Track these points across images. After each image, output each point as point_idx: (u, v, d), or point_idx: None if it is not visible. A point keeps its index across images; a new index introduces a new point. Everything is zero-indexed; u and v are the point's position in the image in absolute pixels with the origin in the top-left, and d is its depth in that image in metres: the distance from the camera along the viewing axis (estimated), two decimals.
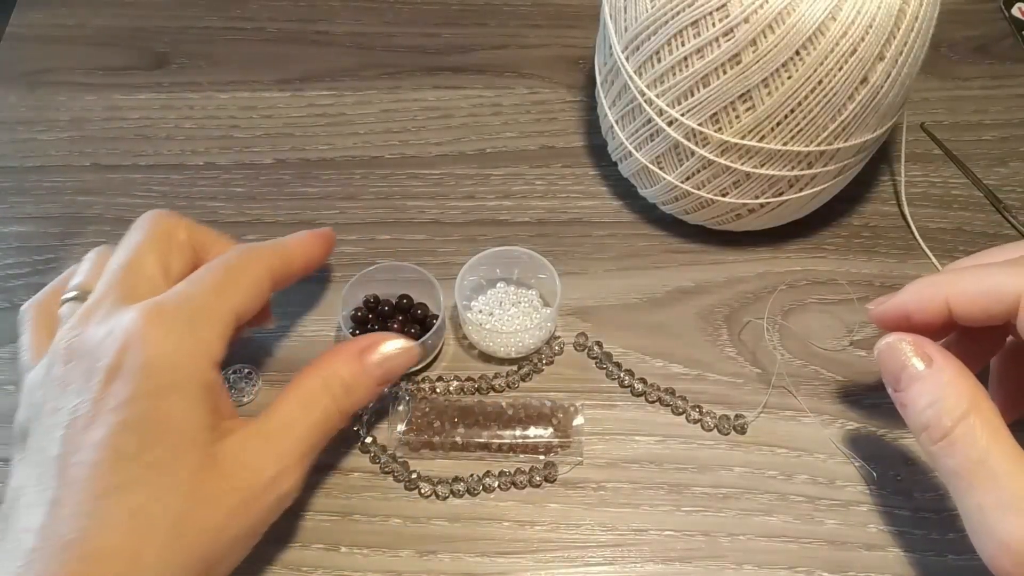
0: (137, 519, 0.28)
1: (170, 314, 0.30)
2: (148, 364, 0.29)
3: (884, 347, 0.32)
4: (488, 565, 0.37)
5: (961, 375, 0.30)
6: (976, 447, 0.29)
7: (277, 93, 0.52)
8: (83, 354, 0.29)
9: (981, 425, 0.29)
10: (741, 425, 0.40)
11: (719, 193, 0.42)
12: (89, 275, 0.34)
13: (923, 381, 0.30)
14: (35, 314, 0.35)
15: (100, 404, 0.28)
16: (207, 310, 0.31)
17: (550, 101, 0.52)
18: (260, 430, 0.32)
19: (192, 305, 0.31)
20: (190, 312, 0.31)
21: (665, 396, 0.41)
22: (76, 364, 0.29)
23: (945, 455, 0.29)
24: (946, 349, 0.31)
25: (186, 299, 0.31)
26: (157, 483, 0.28)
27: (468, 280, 0.42)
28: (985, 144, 0.51)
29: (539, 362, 0.42)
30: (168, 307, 0.30)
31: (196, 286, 0.32)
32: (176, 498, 0.28)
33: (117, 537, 0.27)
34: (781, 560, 0.37)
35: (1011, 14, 0.56)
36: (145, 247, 0.33)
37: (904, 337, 0.31)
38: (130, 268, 0.32)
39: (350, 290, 0.41)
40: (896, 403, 0.32)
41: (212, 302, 0.32)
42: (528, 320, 0.42)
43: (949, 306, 0.31)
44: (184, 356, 0.30)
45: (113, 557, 0.27)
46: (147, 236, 0.34)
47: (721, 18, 0.35)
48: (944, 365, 0.30)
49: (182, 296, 0.31)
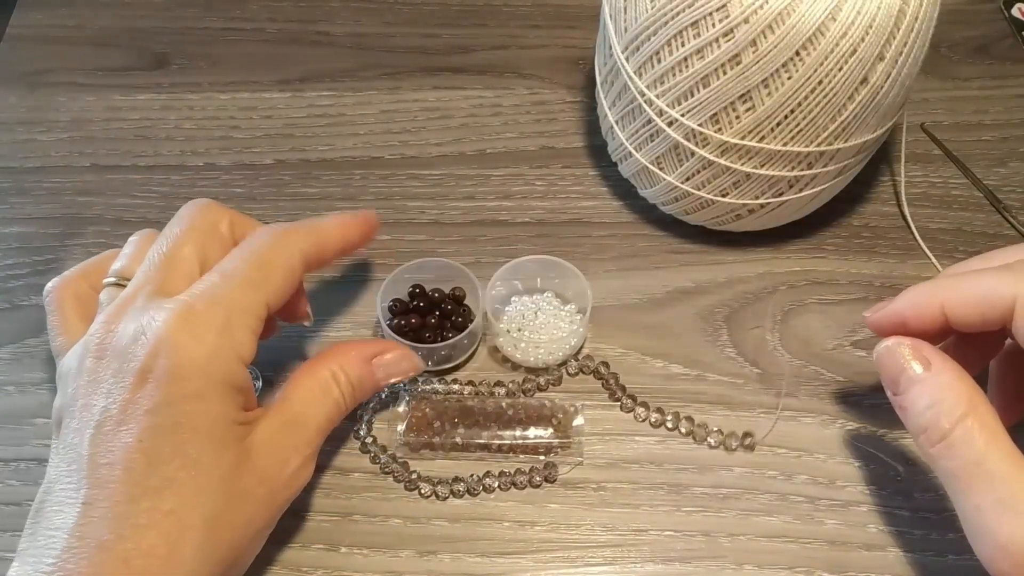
0: (172, 520, 0.28)
1: (201, 316, 0.30)
2: (178, 368, 0.29)
3: (883, 351, 0.32)
4: (488, 565, 0.37)
5: (959, 378, 0.30)
6: (974, 449, 0.29)
7: (277, 94, 0.52)
8: (115, 352, 0.29)
9: (979, 427, 0.29)
10: (751, 445, 0.40)
11: (719, 194, 0.42)
12: (130, 260, 0.34)
13: (922, 384, 0.31)
14: (62, 295, 0.35)
15: (131, 407, 0.28)
16: (238, 309, 0.31)
17: (550, 101, 0.52)
18: (283, 420, 0.32)
19: (223, 305, 0.31)
20: (221, 313, 0.30)
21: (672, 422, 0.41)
22: (108, 362, 0.29)
23: (943, 457, 0.29)
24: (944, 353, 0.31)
25: (217, 298, 0.31)
26: (191, 484, 0.28)
27: (496, 290, 0.42)
28: (985, 144, 0.51)
29: (561, 374, 0.42)
30: (199, 308, 0.30)
31: (227, 281, 0.31)
32: (210, 498, 0.29)
33: (152, 538, 0.27)
34: (781, 560, 0.37)
35: (1011, 14, 0.56)
36: (185, 238, 0.33)
37: (903, 341, 0.32)
38: (168, 260, 0.32)
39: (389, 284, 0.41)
40: (895, 406, 0.32)
41: (243, 299, 0.31)
42: (558, 330, 0.42)
43: (945, 312, 0.32)
44: (215, 359, 0.30)
45: (149, 558, 0.27)
46: (189, 227, 0.33)
47: (721, 18, 0.35)
48: (942, 368, 0.30)
49: (213, 294, 0.31)
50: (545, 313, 0.42)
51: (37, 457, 0.39)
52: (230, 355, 0.30)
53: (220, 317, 0.30)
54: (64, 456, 0.29)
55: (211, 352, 0.30)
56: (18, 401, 0.41)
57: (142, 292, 0.31)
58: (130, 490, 0.28)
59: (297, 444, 0.32)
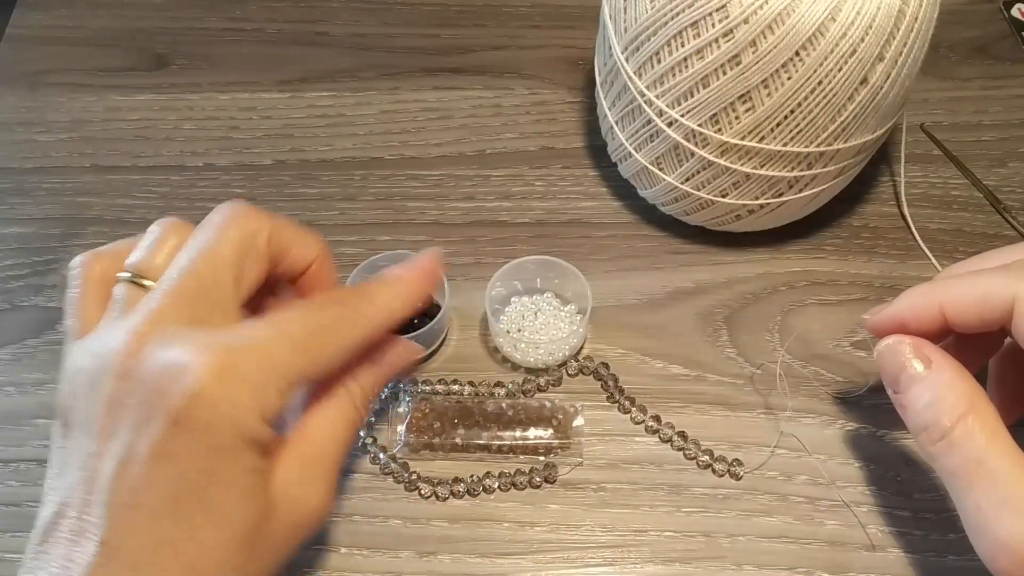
0: (194, 571, 0.27)
1: (240, 372, 0.27)
2: (213, 420, 0.27)
3: (884, 349, 0.32)
4: (488, 566, 0.37)
5: (960, 376, 0.30)
6: (975, 447, 0.29)
7: (277, 94, 0.52)
8: (141, 382, 0.27)
9: (980, 425, 0.29)
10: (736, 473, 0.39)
11: (719, 194, 0.42)
12: (150, 256, 0.31)
13: (922, 382, 0.31)
14: (88, 276, 0.31)
15: (158, 450, 0.27)
16: (278, 372, 0.28)
17: (550, 102, 0.52)
18: (303, 460, 0.30)
19: (265, 365, 0.28)
20: (261, 373, 0.28)
21: (667, 432, 0.41)
22: (132, 391, 0.27)
23: (944, 455, 0.30)
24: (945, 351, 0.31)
25: (260, 357, 0.28)
26: (215, 536, 0.28)
27: (496, 290, 0.42)
28: (985, 144, 0.51)
29: (561, 375, 0.42)
30: (240, 362, 0.28)
31: (275, 337, 0.29)
32: (233, 552, 0.28)
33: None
34: (781, 561, 0.37)
35: (1011, 15, 0.56)
36: (221, 254, 0.30)
37: (903, 339, 0.32)
38: (200, 279, 0.29)
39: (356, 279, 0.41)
40: (896, 404, 0.32)
41: (285, 363, 0.29)
42: (558, 331, 0.42)
43: (944, 314, 0.32)
44: (246, 417, 0.28)
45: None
46: (225, 241, 0.30)
47: (721, 19, 0.35)
48: (943, 366, 0.31)
49: (258, 351, 0.28)
50: (545, 314, 0.42)
51: (37, 458, 0.39)
52: (258, 415, 0.28)
53: (259, 376, 0.28)
54: (78, 474, 0.27)
55: (244, 410, 0.28)
56: (18, 402, 0.41)
57: (170, 313, 0.28)
58: (153, 537, 0.27)
59: (318, 483, 0.31)
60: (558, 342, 0.41)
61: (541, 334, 0.42)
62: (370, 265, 0.42)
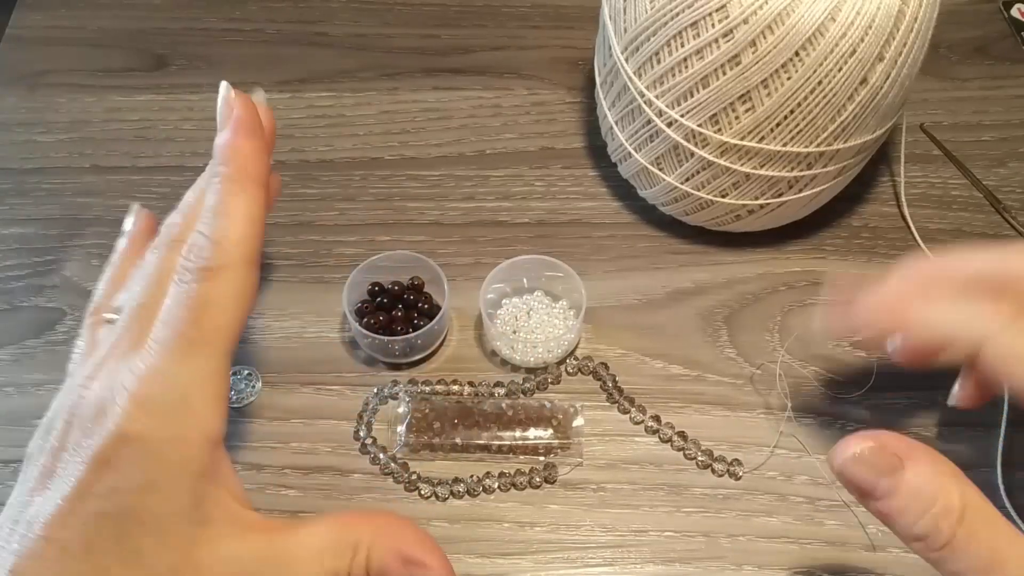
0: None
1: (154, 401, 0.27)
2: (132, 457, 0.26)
3: (849, 460, 0.28)
4: (488, 566, 0.37)
5: (940, 469, 0.28)
6: (981, 546, 0.27)
7: (276, 94, 0.52)
8: (79, 421, 0.27)
9: (981, 521, 0.27)
10: (736, 473, 0.39)
11: (719, 194, 0.42)
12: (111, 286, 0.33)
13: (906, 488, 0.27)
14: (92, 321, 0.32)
15: (83, 488, 0.26)
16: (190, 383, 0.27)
17: (550, 102, 0.52)
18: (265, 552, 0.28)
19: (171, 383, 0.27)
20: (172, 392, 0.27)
21: (667, 432, 0.41)
22: (71, 430, 0.27)
23: (949, 560, 0.27)
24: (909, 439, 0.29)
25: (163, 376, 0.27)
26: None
27: (492, 288, 0.42)
28: (984, 145, 0.51)
29: (560, 373, 0.42)
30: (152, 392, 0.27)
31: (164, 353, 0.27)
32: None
33: None
34: (781, 561, 0.37)
35: (1011, 15, 0.56)
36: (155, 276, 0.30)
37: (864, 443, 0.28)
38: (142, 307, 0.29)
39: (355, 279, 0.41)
40: (874, 513, 0.28)
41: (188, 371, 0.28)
42: (553, 328, 0.42)
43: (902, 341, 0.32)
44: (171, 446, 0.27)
45: None
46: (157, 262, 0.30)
47: (720, 19, 0.35)
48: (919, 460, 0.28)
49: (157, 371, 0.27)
50: (537, 312, 0.42)
51: None
52: (191, 438, 0.27)
53: (172, 398, 0.27)
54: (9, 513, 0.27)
55: (166, 440, 0.27)
56: (18, 402, 0.41)
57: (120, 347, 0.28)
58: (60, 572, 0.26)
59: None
60: (555, 340, 0.41)
61: (537, 333, 0.42)
62: (370, 265, 0.42)
